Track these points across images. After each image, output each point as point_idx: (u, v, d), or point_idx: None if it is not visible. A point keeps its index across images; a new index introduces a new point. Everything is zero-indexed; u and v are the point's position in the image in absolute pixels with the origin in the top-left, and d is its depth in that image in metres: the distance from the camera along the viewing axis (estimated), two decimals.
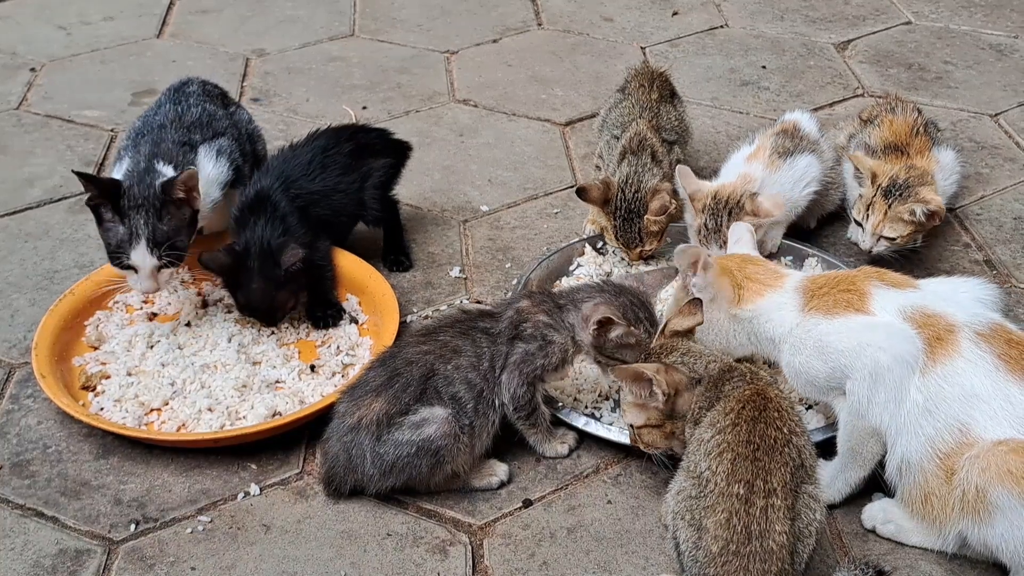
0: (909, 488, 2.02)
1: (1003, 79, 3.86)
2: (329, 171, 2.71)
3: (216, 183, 2.63)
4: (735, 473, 1.74)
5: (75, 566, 2.04)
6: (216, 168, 2.63)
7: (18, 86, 3.76)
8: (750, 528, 1.71)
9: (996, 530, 1.86)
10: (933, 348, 1.99)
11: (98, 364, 2.47)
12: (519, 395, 2.16)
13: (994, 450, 1.88)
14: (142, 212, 2.36)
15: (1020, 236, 3.01)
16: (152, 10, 4.35)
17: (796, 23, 4.29)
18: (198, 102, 2.75)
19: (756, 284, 2.18)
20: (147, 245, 2.37)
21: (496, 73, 3.89)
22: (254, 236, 2.50)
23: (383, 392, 2.12)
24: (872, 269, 2.19)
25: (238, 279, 2.50)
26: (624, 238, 2.71)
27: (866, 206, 2.70)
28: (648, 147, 2.77)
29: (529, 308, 2.22)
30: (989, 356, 1.97)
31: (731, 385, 1.91)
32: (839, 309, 2.07)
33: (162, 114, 2.70)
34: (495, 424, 2.18)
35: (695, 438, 1.88)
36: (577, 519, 2.14)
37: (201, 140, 2.63)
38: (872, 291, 2.09)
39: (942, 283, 2.26)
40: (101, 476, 2.24)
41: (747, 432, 1.78)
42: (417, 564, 2.04)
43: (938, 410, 1.96)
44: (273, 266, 2.47)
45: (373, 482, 2.12)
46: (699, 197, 2.65)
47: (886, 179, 2.67)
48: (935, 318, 2.02)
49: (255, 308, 2.54)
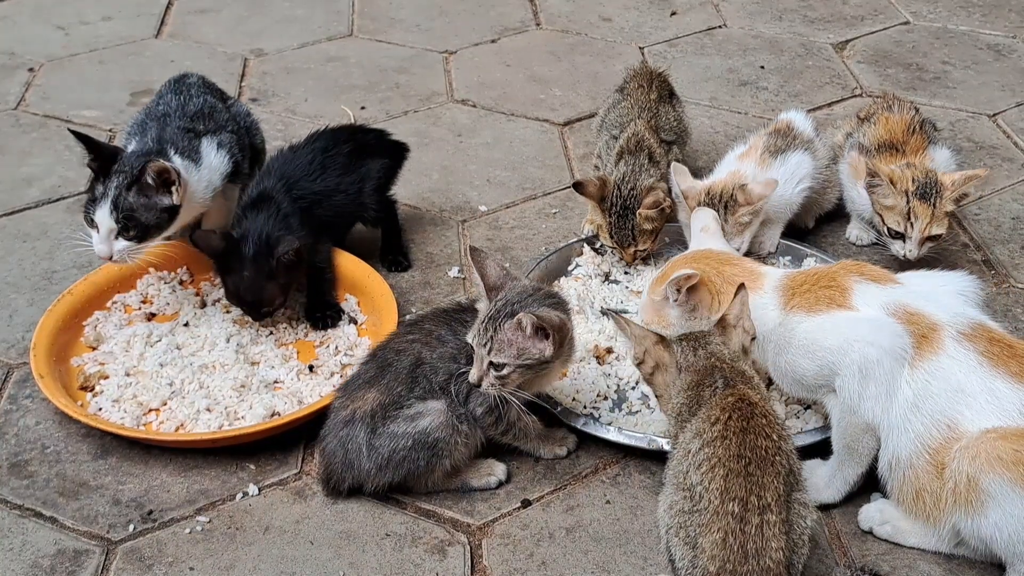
0: (900, 485, 2.03)
1: (1001, 79, 3.86)
2: (329, 172, 2.71)
3: (218, 172, 2.65)
4: (728, 491, 1.71)
5: (73, 566, 2.04)
6: (218, 159, 2.64)
7: (16, 86, 3.75)
8: (746, 547, 1.69)
9: (990, 519, 1.86)
10: (919, 345, 2.00)
11: (96, 364, 2.47)
12: (480, 415, 2.13)
13: (983, 438, 1.88)
14: (117, 178, 2.42)
15: (1018, 236, 3.01)
16: (150, 10, 4.34)
17: (794, 23, 4.29)
18: (199, 93, 2.76)
19: (734, 287, 2.17)
20: (109, 207, 2.40)
21: (494, 73, 3.89)
22: (255, 226, 2.50)
23: (375, 383, 2.12)
24: (852, 263, 2.18)
25: (229, 264, 2.49)
26: (618, 235, 2.71)
27: (904, 215, 2.63)
28: (646, 148, 2.77)
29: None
30: (972, 353, 1.98)
31: (710, 390, 1.86)
32: (821, 306, 2.08)
33: (165, 103, 2.72)
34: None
35: (681, 446, 1.84)
36: (576, 519, 2.14)
37: (204, 131, 2.65)
38: (853, 286, 2.09)
39: (923, 277, 2.25)
40: (99, 476, 2.24)
41: (737, 445, 1.74)
42: (416, 564, 2.04)
43: (926, 406, 1.97)
44: (267, 256, 2.47)
45: (371, 477, 2.12)
46: (692, 195, 2.65)
47: (910, 183, 2.63)
48: (918, 316, 2.03)
49: (242, 296, 2.51)
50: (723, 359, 1.91)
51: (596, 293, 2.73)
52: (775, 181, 2.66)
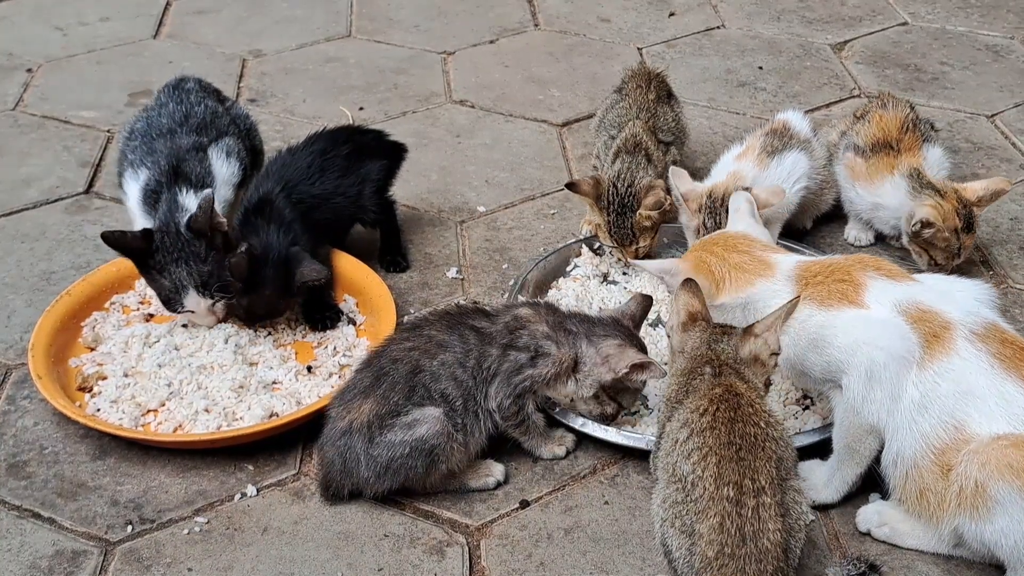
0: (904, 484, 2.01)
1: (1000, 80, 3.86)
2: (328, 174, 2.71)
3: (229, 184, 2.66)
4: (722, 476, 1.73)
5: (72, 567, 2.04)
6: (228, 168, 2.65)
7: (14, 87, 3.75)
8: (744, 530, 1.71)
9: (995, 525, 1.85)
10: (929, 344, 1.98)
11: (95, 365, 2.47)
12: (505, 406, 2.15)
13: (994, 444, 1.87)
14: (181, 263, 2.40)
15: (1016, 236, 3.02)
16: (149, 11, 4.34)
17: (793, 24, 4.29)
18: (199, 99, 2.76)
19: (743, 274, 2.16)
20: (196, 292, 2.42)
21: (493, 74, 3.89)
22: (268, 240, 2.49)
23: (371, 393, 2.12)
24: (870, 258, 2.16)
25: (250, 282, 2.47)
26: (618, 234, 2.70)
27: (955, 252, 2.70)
28: (643, 149, 2.77)
29: (530, 317, 2.20)
30: (984, 355, 1.97)
31: (699, 379, 1.89)
32: (833, 300, 2.06)
33: (167, 115, 2.69)
34: (487, 424, 2.17)
35: (669, 436, 1.86)
36: (574, 520, 2.14)
37: (208, 141, 2.65)
38: (868, 282, 2.07)
39: (940, 280, 2.25)
40: (98, 477, 2.23)
41: (727, 433, 1.77)
42: (414, 565, 2.04)
43: (933, 406, 1.96)
44: (287, 276, 2.47)
45: (370, 485, 2.12)
46: (693, 197, 2.65)
47: (957, 219, 2.66)
48: (931, 314, 2.01)
49: (254, 312, 2.52)
50: (723, 357, 1.91)
51: (595, 294, 2.73)
52: (783, 190, 2.65)
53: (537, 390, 2.18)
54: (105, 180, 3.21)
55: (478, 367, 2.14)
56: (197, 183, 2.53)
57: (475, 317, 2.22)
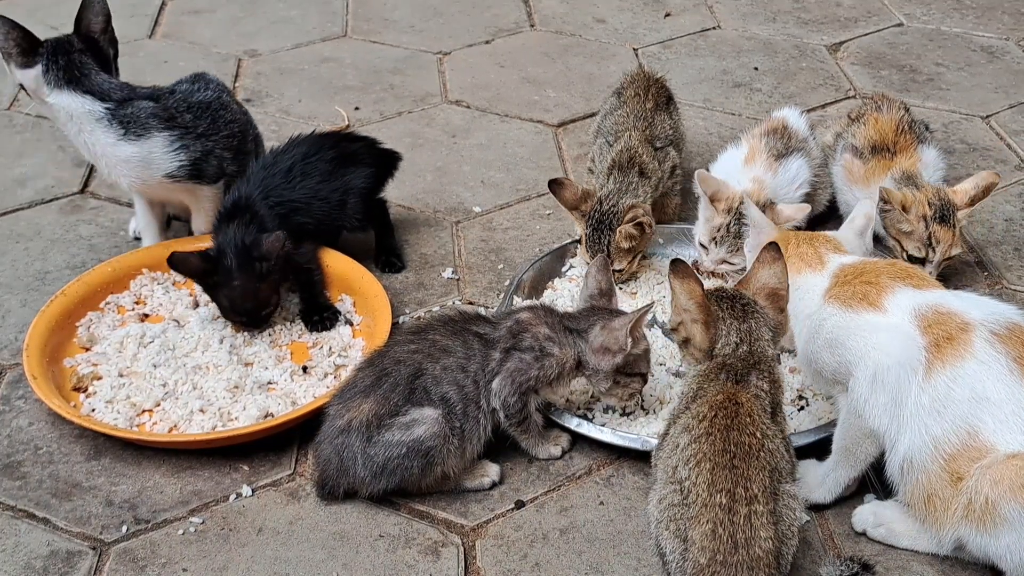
0: (911, 488, 1.98)
1: (994, 81, 3.87)
2: (309, 179, 2.68)
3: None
4: (715, 483, 1.74)
5: (66, 567, 2.03)
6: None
7: (9, 86, 3.73)
8: (736, 537, 1.71)
9: (1001, 542, 1.84)
10: (942, 347, 1.94)
11: (89, 365, 2.47)
12: (510, 403, 2.15)
13: (1008, 464, 1.84)
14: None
15: (1011, 238, 3.02)
16: (144, 10, 4.34)
17: (788, 25, 4.30)
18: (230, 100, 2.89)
19: (799, 261, 2.17)
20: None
21: (489, 74, 3.89)
22: (227, 238, 2.48)
23: (372, 393, 2.12)
24: (907, 265, 2.17)
25: (216, 281, 2.48)
26: (592, 249, 2.67)
27: (925, 242, 2.62)
28: (637, 164, 2.74)
29: (530, 320, 2.21)
30: (1003, 358, 1.91)
31: (709, 383, 1.89)
32: (854, 302, 2.04)
33: (232, 115, 2.82)
34: (487, 430, 2.17)
35: (670, 439, 1.87)
36: (569, 520, 2.14)
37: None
38: (892, 285, 2.04)
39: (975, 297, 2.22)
40: (92, 477, 2.23)
41: (722, 441, 1.78)
42: (409, 565, 2.04)
43: (946, 411, 1.91)
44: (251, 260, 2.46)
45: (365, 484, 2.12)
46: (723, 198, 2.64)
47: (927, 207, 2.62)
48: (949, 316, 1.97)
49: (238, 306, 2.50)
50: (766, 357, 1.92)
51: None
52: (807, 207, 2.66)
53: (539, 389, 2.19)
54: (100, 180, 3.20)
55: (481, 371, 2.15)
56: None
57: (478, 323, 2.23)
